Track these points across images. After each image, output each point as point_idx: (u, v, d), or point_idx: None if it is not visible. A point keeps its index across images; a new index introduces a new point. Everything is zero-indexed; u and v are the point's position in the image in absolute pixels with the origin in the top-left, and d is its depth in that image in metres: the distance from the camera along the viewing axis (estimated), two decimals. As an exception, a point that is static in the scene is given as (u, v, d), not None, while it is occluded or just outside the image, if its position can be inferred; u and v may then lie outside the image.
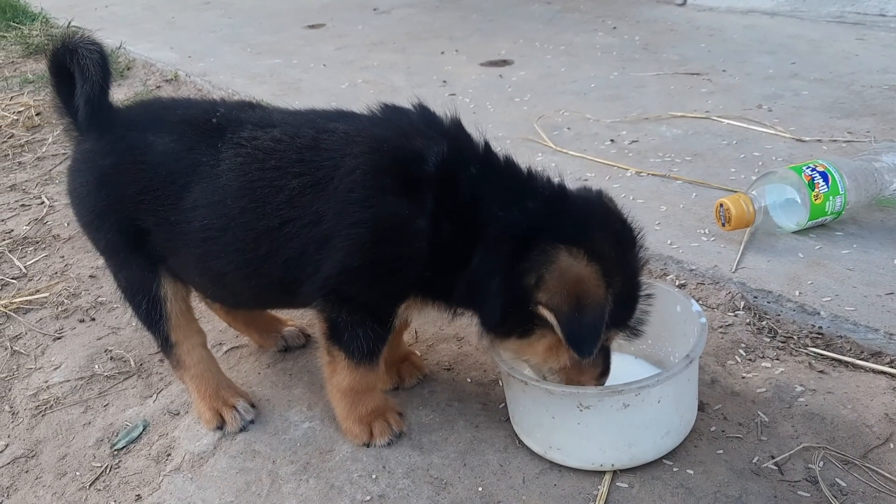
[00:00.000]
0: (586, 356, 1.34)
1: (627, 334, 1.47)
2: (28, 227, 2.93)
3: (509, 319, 1.43)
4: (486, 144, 1.50)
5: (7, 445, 1.81)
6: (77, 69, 1.54)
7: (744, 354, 1.79)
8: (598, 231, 1.42)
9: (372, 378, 1.60)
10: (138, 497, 1.59)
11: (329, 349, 1.56)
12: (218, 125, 1.56)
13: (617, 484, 1.47)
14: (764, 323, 1.88)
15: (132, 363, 2.04)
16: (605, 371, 1.52)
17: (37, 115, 4.21)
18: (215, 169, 1.52)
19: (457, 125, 1.52)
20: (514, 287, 1.39)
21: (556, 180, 1.51)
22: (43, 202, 3.15)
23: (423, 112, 1.53)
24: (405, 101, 1.58)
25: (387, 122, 1.53)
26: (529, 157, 2.96)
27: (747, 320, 1.89)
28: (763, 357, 1.78)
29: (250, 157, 1.50)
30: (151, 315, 1.67)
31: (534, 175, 1.51)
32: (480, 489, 1.49)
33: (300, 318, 2.09)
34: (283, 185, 1.47)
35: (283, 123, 1.55)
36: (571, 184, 2.65)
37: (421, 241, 1.42)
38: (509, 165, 1.51)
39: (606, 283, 1.34)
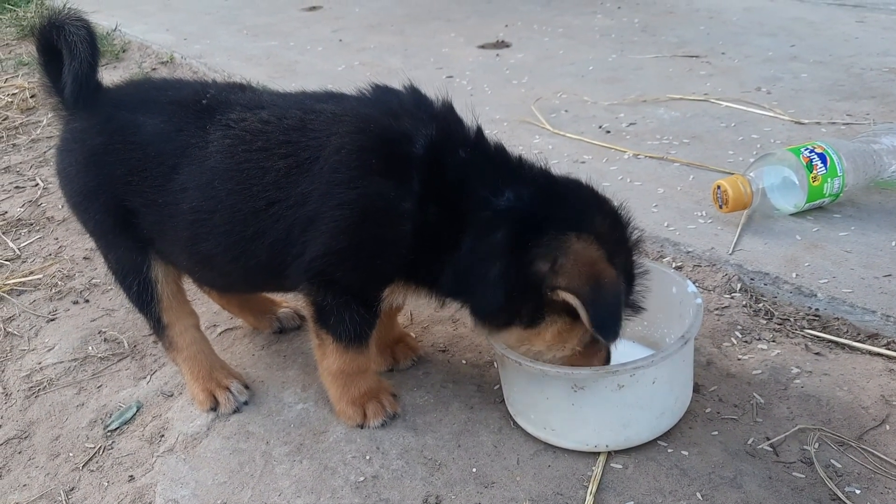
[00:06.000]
0: (612, 339, 1.34)
1: (630, 311, 1.46)
2: (22, 209, 2.91)
3: (512, 308, 1.41)
4: (479, 129, 1.48)
5: (0, 427, 1.80)
6: (64, 46, 1.52)
7: (740, 336, 1.78)
8: (598, 214, 1.43)
9: (362, 360, 1.58)
10: (131, 478, 1.59)
11: (317, 333, 1.55)
12: (208, 106, 1.54)
13: (611, 465, 1.46)
14: (760, 305, 1.87)
15: (126, 345, 2.03)
16: (607, 359, 1.51)
17: (31, 97, 4.17)
18: (204, 151, 1.50)
19: (448, 108, 1.50)
20: (519, 274, 1.37)
21: (544, 167, 1.50)
22: (37, 184, 3.13)
23: (414, 94, 1.51)
24: (402, 83, 1.56)
25: (375, 103, 1.51)
26: (526, 140, 2.95)
27: (744, 302, 1.88)
28: (759, 339, 1.77)
29: (238, 138, 1.49)
30: (142, 297, 1.65)
31: (524, 161, 1.49)
32: (475, 470, 1.48)
33: (295, 300, 2.07)
34: (270, 166, 1.45)
35: (271, 105, 1.53)
36: (568, 166, 2.66)
37: (406, 224, 1.40)
38: (500, 151, 1.48)
39: (614, 263, 1.35)
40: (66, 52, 1.53)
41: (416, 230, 1.41)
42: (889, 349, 1.67)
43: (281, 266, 1.50)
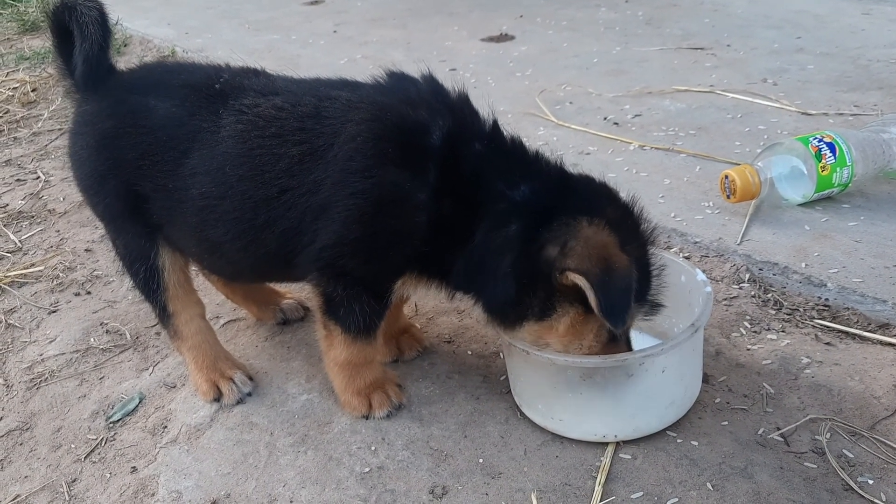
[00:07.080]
0: (620, 325, 1.30)
1: (648, 309, 1.43)
2: (23, 202, 2.90)
3: (524, 300, 1.38)
4: (495, 122, 1.46)
5: (1, 418, 1.79)
6: (76, 27, 1.51)
7: (749, 326, 1.76)
8: (610, 204, 1.41)
9: (369, 351, 1.57)
10: (134, 469, 1.57)
11: (325, 323, 1.53)
12: (221, 91, 1.52)
13: (620, 455, 1.44)
14: (769, 295, 1.85)
15: (128, 336, 2.01)
16: None
17: (33, 91, 4.17)
18: (215, 136, 1.48)
19: (464, 99, 1.47)
20: (530, 263, 1.34)
21: (559, 161, 1.47)
22: (38, 177, 3.11)
23: (431, 83, 1.48)
24: (418, 71, 1.53)
25: (392, 91, 1.48)
26: (531, 131, 2.93)
27: (752, 292, 1.86)
28: (769, 329, 1.75)
29: (251, 124, 1.46)
30: (149, 284, 1.64)
31: (540, 156, 1.47)
32: (481, 461, 1.47)
33: (299, 291, 2.06)
34: (283, 153, 1.43)
35: (286, 91, 1.51)
36: (574, 158, 2.64)
37: (421, 216, 1.38)
38: (516, 144, 1.46)
39: (626, 251, 1.32)
40: (77, 32, 1.52)
41: (431, 222, 1.38)
42: (900, 339, 1.66)
43: (291, 255, 1.47)
